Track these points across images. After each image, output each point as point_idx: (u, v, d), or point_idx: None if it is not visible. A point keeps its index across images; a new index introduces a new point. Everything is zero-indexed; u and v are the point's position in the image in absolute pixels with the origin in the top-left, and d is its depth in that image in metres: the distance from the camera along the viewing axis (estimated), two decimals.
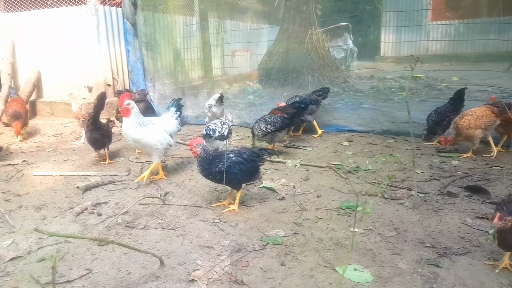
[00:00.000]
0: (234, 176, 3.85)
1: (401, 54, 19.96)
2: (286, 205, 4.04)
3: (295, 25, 12.34)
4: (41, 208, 4.05)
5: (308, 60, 11.87)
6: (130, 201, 4.24)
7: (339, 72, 12.68)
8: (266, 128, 5.73)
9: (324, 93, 7.27)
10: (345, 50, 16.17)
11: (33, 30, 8.57)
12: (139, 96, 7.30)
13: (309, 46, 11.95)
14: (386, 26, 19.91)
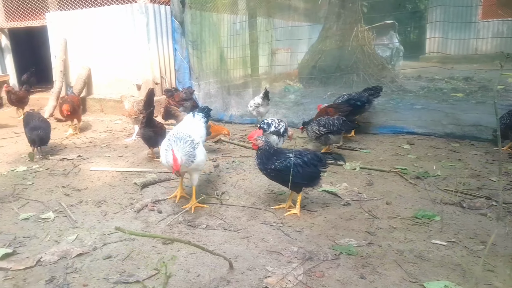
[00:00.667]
0: (289, 178, 3.62)
1: (448, 53, 19.15)
2: (353, 212, 3.80)
3: (340, 23, 12.02)
4: (101, 204, 4.01)
5: (353, 58, 11.55)
6: (188, 199, 4.14)
7: (386, 72, 12.26)
8: (319, 130, 5.51)
9: (376, 91, 6.97)
10: (390, 49, 15.70)
11: (84, 28, 8.73)
12: (186, 95, 7.27)
13: (354, 44, 11.63)
14: (432, 21, 19.23)
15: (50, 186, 4.48)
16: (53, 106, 8.15)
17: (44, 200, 4.09)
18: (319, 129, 5.47)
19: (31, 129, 5.42)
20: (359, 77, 11.57)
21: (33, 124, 5.48)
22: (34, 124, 5.49)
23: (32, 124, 5.48)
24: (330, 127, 5.40)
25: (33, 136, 5.36)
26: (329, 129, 5.41)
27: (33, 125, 5.47)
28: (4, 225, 3.54)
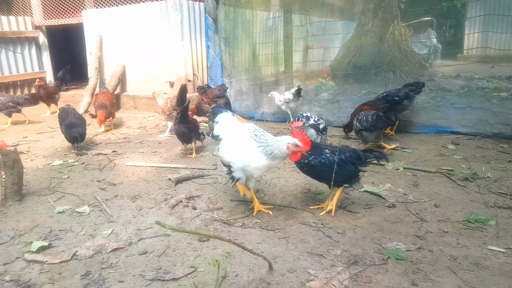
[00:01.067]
0: (324, 174, 3.45)
1: (487, 52, 18.28)
2: (399, 214, 3.56)
3: (376, 19, 11.66)
4: (136, 199, 3.94)
5: (389, 56, 11.17)
6: (222, 196, 4.02)
7: (424, 70, 11.82)
8: (355, 126, 5.28)
9: (418, 87, 6.62)
10: (428, 47, 15.13)
11: (119, 25, 8.81)
12: (219, 92, 7.17)
13: (391, 41, 11.25)
14: (471, 16, 18.39)
15: (86, 180, 4.46)
16: (88, 102, 8.25)
17: (80, 193, 4.07)
18: (355, 124, 5.26)
19: (69, 126, 5.43)
20: (396, 75, 11.18)
21: (70, 121, 5.50)
22: (71, 121, 5.51)
23: (68, 121, 5.50)
24: (364, 123, 5.17)
25: (73, 134, 5.38)
26: (363, 125, 5.17)
27: (70, 122, 5.49)
28: (40, 217, 3.52)
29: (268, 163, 3.28)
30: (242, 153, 3.30)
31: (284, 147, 3.22)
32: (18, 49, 9.30)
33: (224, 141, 3.50)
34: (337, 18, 12.93)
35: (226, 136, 3.50)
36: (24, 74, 9.39)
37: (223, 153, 3.46)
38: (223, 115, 3.68)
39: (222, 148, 3.50)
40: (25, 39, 9.41)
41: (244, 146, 3.30)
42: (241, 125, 3.50)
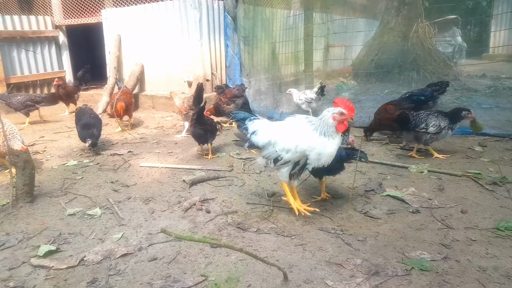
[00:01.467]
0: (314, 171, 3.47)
1: None
2: (423, 220, 3.34)
3: (399, 18, 11.35)
4: (149, 201, 3.84)
5: (413, 54, 10.84)
6: (237, 199, 3.88)
7: (448, 69, 11.45)
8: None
9: (442, 87, 6.33)
10: (452, 45, 14.70)
11: (138, 24, 8.78)
12: (238, 91, 7.04)
13: (414, 39, 10.90)
14: (498, 13, 17.68)
15: (99, 181, 4.39)
16: (106, 102, 8.25)
17: (92, 195, 3.99)
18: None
19: (84, 126, 5.40)
20: (419, 74, 10.87)
21: (85, 121, 5.47)
22: (87, 121, 5.48)
23: (84, 120, 5.47)
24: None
25: (85, 135, 5.34)
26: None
27: (85, 121, 5.46)
28: (51, 220, 3.45)
29: (329, 143, 3.07)
30: (304, 140, 3.10)
31: (330, 119, 3.05)
32: (38, 49, 9.41)
33: (281, 140, 3.24)
34: (359, 16, 12.67)
35: (280, 136, 3.25)
36: (43, 74, 9.50)
37: (282, 153, 3.22)
38: (259, 122, 3.45)
39: (279, 147, 3.23)
40: (45, 38, 9.52)
41: (303, 134, 3.13)
42: (290, 121, 3.34)
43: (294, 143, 3.14)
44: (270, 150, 3.32)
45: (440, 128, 4.80)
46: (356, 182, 4.22)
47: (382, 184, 4.14)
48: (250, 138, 3.44)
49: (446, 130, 4.85)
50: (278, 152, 3.26)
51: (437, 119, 4.83)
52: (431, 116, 4.89)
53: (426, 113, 4.94)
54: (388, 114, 5.73)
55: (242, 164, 4.95)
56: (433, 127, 4.81)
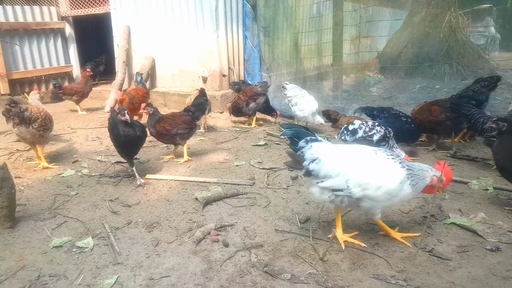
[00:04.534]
0: None
1: None
2: (508, 263, 2.55)
3: (430, 6, 10.45)
4: (154, 227, 3.11)
5: (445, 46, 9.94)
6: (262, 225, 3.13)
7: (483, 62, 10.52)
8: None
9: (492, 83, 5.42)
10: (486, 37, 13.68)
11: (148, 15, 8.03)
12: (261, 89, 6.27)
13: (446, 30, 10.00)
14: None
15: (96, 199, 3.67)
16: (115, 99, 7.55)
17: (86, 218, 3.28)
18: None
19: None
20: (452, 68, 9.98)
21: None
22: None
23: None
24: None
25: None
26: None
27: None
28: (31, 254, 2.75)
29: (411, 194, 2.69)
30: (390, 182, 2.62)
31: (428, 179, 2.67)
32: (43, 42, 8.73)
33: (356, 175, 2.62)
34: (386, 6, 11.80)
35: (357, 168, 2.64)
36: (49, 69, 8.83)
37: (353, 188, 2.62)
38: (320, 147, 2.70)
39: (353, 183, 2.61)
40: (50, 30, 8.83)
41: (377, 165, 2.65)
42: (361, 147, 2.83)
43: (377, 182, 2.59)
44: (338, 182, 2.63)
45: None
46: (409, 203, 3.42)
47: (442, 207, 3.32)
48: (307, 166, 2.66)
49: None
50: (350, 189, 2.60)
51: None
52: None
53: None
54: (432, 117, 4.91)
55: (266, 177, 4.18)
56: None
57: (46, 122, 4.46)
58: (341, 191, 2.63)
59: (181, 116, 4.75)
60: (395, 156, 2.71)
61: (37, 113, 4.36)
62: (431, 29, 10.37)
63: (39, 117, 4.36)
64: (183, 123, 4.66)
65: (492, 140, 3.94)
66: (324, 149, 2.69)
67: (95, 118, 7.36)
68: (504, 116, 3.85)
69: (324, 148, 2.70)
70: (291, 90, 6.13)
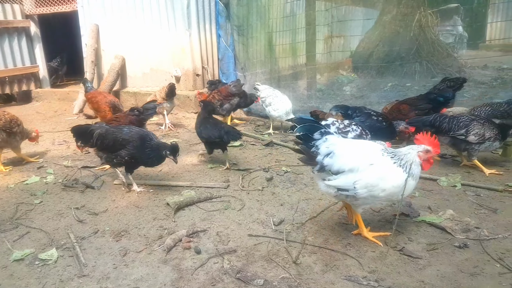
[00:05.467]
0: None
1: (511, 41, 17.11)
2: (476, 259, 2.60)
3: (401, 6, 10.65)
4: (122, 236, 3.01)
5: (416, 45, 10.17)
6: (235, 229, 3.08)
7: (452, 60, 10.82)
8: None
9: (457, 83, 5.57)
10: (454, 35, 14.09)
11: (117, 13, 7.82)
12: (235, 88, 6.20)
13: (417, 29, 10.23)
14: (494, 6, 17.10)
15: (61, 207, 3.53)
16: (84, 100, 7.32)
17: (50, 228, 3.14)
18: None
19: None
20: (422, 66, 10.22)
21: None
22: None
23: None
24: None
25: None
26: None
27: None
28: None
29: (414, 185, 2.75)
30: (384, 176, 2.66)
31: (416, 157, 2.70)
32: (6, 41, 8.34)
33: (365, 176, 2.64)
34: (358, 5, 11.94)
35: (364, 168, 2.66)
36: (13, 69, 8.44)
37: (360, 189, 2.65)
38: (336, 140, 2.71)
39: (361, 184, 2.64)
40: (13, 29, 8.42)
41: (384, 168, 2.68)
42: (368, 145, 2.85)
43: (382, 186, 2.65)
44: (346, 183, 2.65)
45: (484, 138, 3.96)
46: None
47: (412, 205, 3.36)
48: (322, 161, 2.65)
49: (492, 142, 3.98)
50: (357, 189, 2.63)
51: (483, 128, 3.96)
52: (475, 122, 4.02)
53: (470, 118, 4.09)
54: (402, 115, 4.99)
55: (240, 179, 4.13)
56: (475, 135, 3.98)
57: (11, 125, 4.29)
58: (347, 191, 2.66)
59: (126, 116, 4.49)
60: (396, 158, 2.70)
61: None
62: (402, 28, 10.57)
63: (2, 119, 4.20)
64: (130, 123, 4.35)
65: (459, 138, 4.04)
66: (339, 142, 2.71)
67: (62, 121, 7.12)
68: None
69: (339, 142, 2.72)
70: (264, 90, 6.10)
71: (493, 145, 4.02)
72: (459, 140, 4.05)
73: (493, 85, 8.90)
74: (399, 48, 10.25)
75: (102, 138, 3.67)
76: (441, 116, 4.23)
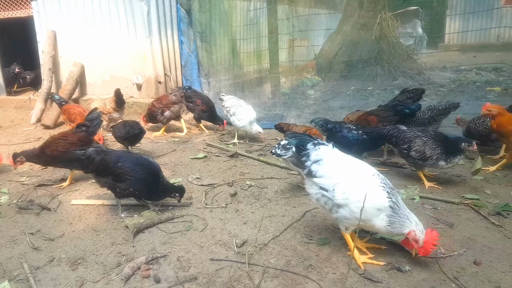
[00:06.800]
0: None
1: (468, 41, 17.89)
2: (432, 279, 2.67)
3: (362, 10, 10.89)
4: (78, 264, 2.90)
5: (377, 48, 10.43)
6: (197, 253, 3.03)
7: (412, 62, 11.17)
8: None
9: (416, 94, 5.70)
10: (414, 37, 14.57)
11: (76, 19, 7.58)
12: (176, 98, 6.23)
13: (378, 32, 10.48)
14: (452, 6, 17.84)
15: (15, 233, 3.36)
16: (41, 109, 7.05)
17: (3, 257, 2.99)
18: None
19: None
20: (384, 69, 10.48)
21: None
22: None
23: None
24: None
25: None
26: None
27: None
28: None
29: (383, 229, 2.77)
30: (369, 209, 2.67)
31: (406, 229, 2.69)
32: None
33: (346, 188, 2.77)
34: (322, 9, 12.08)
35: (347, 178, 2.79)
36: None
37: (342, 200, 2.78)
38: (327, 150, 2.90)
39: (339, 192, 2.77)
40: None
41: (367, 183, 2.74)
42: (364, 165, 2.91)
43: (359, 197, 2.67)
44: (327, 182, 2.81)
45: (425, 156, 4.03)
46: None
47: None
48: (310, 167, 2.86)
49: (435, 160, 4.01)
50: (335, 192, 2.76)
51: (424, 146, 4.01)
52: (418, 139, 4.09)
53: (415, 134, 4.17)
54: (370, 126, 5.03)
55: (204, 195, 4.08)
56: (415, 152, 4.07)
57: None
58: (327, 192, 2.78)
59: (73, 134, 4.31)
60: (388, 187, 2.73)
61: None
62: (364, 32, 10.79)
63: None
64: (78, 141, 4.23)
65: (403, 152, 4.18)
66: (330, 152, 2.88)
67: (19, 132, 6.80)
68: None
69: (330, 152, 2.88)
70: (228, 100, 6.09)
71: (438, 164, 4.01)
72: (405, 153, 4.17)
73: (451, 88, 9.17)
74: (361, 51, 10.47)
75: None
76: (393, 129, 4.34)
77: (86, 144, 4.23)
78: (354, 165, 2.87)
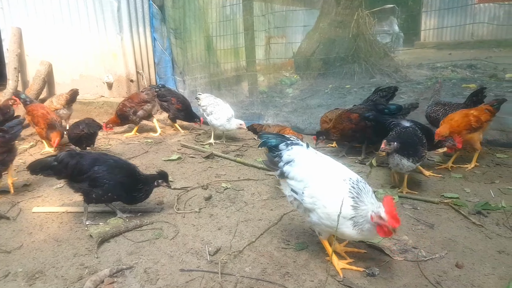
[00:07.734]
0: None
1: (443, 39, 18.21)
2: (414, 284, 2.58)
3: (339, 7, 10.82)
4: (36, 279, 2.66)
5: (354, 46, 10.40)
6: (166, 264, 2.83)
7: (389, 60, 11.20)
8: None
9: (389, 93, 5.61)
10: (390, 35, 14.70)
11: (42, 15, 7.23)
12: (148, 96, 6.01)
13: (355, 30, 10.45)
14: (428, 3, 18.12)
15: None
16: None
17: None
18: None
19: None
20: (361, 67, 10.45)
21: None
22: None
23: None
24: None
25: None
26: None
27: None
28: None
29: (355, 235, 2.55)
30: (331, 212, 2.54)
31: (368, 214, 2.48)
32: None
33: (313, 188, 2.65)
34: (299, 6, 11.96)
35: (316, 182, 2.65)
36: None
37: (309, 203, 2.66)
38: (299, 151, 2.79)
39: (307, 195, 2.66)
40: None
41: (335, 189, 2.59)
42: (337, 168, 2.74)
43: (324, 202, 2.58)
44: (298, 185, 2.71)
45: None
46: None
47: None
48: (282, 168, 2.78)
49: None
50: (303, 196, 2.65)
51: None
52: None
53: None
54: (353, 124, 4.90)
55: (176, 199, 3.87)
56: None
57: None
58: (297, 194, 2.69)
59: None
60: (355, 193, 2.50)
61: None
62: (341, 30, 10.73)
63: None
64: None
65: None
66: (302, 153, 2.76)
67: None
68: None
69: (302, 152, 2.77)
70: (205, 99, 5.89)
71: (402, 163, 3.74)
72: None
73: (427, 85, 9.21)
74: (338, 50, 10.42)
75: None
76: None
77: (6, 149, 3.90)
78: (326, 168, 2.71)
